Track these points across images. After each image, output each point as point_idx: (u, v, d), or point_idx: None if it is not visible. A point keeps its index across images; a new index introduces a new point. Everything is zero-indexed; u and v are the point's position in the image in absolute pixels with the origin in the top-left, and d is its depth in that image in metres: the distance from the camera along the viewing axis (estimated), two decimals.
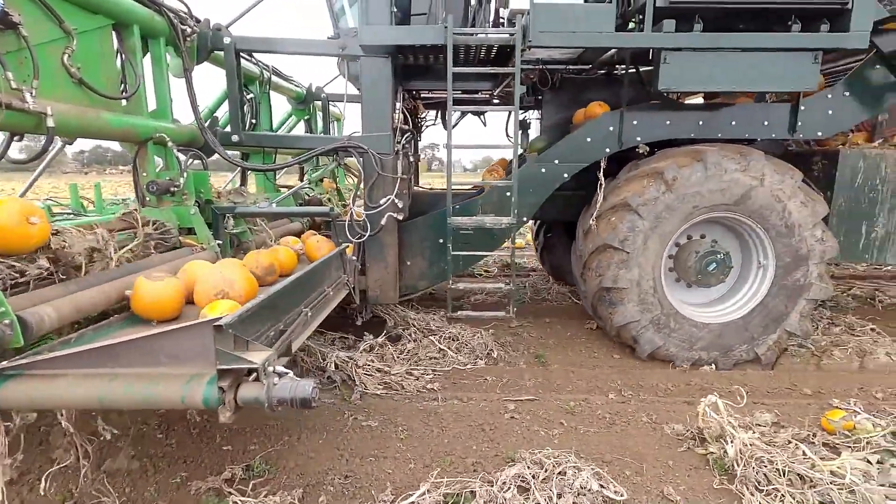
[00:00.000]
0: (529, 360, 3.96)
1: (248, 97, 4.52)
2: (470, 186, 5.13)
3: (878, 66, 3.79)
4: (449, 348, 3.94)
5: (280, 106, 5.85)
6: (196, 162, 3.61)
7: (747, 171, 3.52)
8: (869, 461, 2.49)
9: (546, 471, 2.41)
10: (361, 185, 3.63)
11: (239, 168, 4.06)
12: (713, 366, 3.85)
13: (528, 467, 2.43)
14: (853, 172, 3.92)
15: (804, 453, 2.51)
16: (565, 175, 3.91)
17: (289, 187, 5.06)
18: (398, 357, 3.82)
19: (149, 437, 2.80)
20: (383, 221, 3.59)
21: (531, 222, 6.31)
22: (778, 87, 3.49)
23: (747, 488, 2.35)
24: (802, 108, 3.77)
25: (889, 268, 7.11)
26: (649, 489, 2.44)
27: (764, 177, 3.52)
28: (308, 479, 2.49)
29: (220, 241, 3.30)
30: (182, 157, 3.36)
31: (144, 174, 3.06)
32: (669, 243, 3.74)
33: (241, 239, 3.66)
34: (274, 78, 4.88)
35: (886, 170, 3.92)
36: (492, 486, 2.34)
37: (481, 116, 5.49)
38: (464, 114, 5.53)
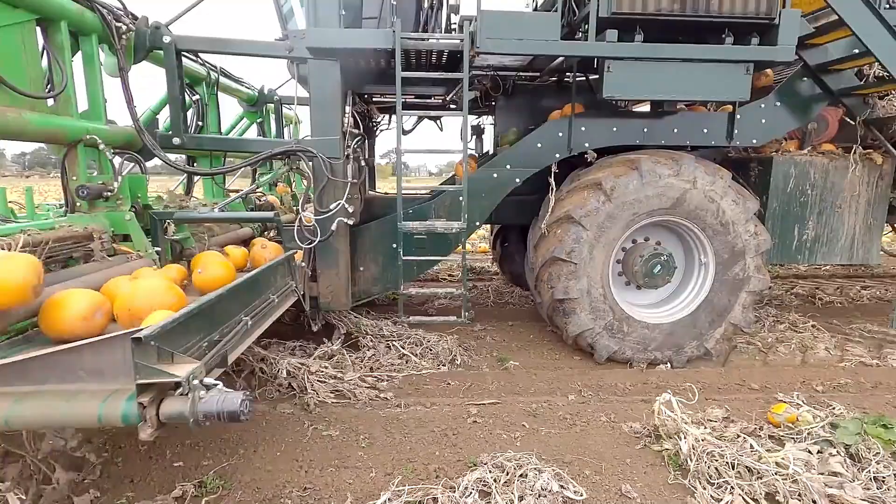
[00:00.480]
0: (493, 364, 3.98)
1: (194, 99, 4.37)
2: (427, 191, 5.12)
3: (805, 79, 4.04)
4: (413, 353, 3.92)
5: (232, 108, 5.70)
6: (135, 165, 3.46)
7: (680, 175, 3.66)
8: (810, 451, 2.60)
9: (507, 474, 2.41)
10: (311, 190, 3.56)
11: (185, 172, 3.91)
12: (668, 364, 3.98)
13: (490, 471, 2.43)
14: (785, 178, 4.15)
15: (752, 446, 2.60)
16: (517, 180, 3.96)
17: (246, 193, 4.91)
18: (362, 364, 3.76)
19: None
20: (334, 227, 3.53)
21: (488, 231, 6.35)
22: (713, 96, 3.66)
23: (700, 482, 2.42)
24: (738, 116, 3.96)
25: (827, 267, 7.57)
26: (608, 488, 2.48)
27: (696, 179, 3.66)
28: (264, 494, 2.41)
29: (160, 249, 3.17)
30: (118, 160, 3.21)
31: (74, 178, 2.90)
32: (615, 250, 3.84)
33: (184, 246, 3.52)
34: (222, 79, 4.73)
35: (815, 176, 4.17)
36: (454, 491, 2.33)
37: (438, 121, 5.51)
38: (420, 118, 5.53)
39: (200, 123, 4.37)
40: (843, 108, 4.28)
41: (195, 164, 4.63)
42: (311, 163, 3.51)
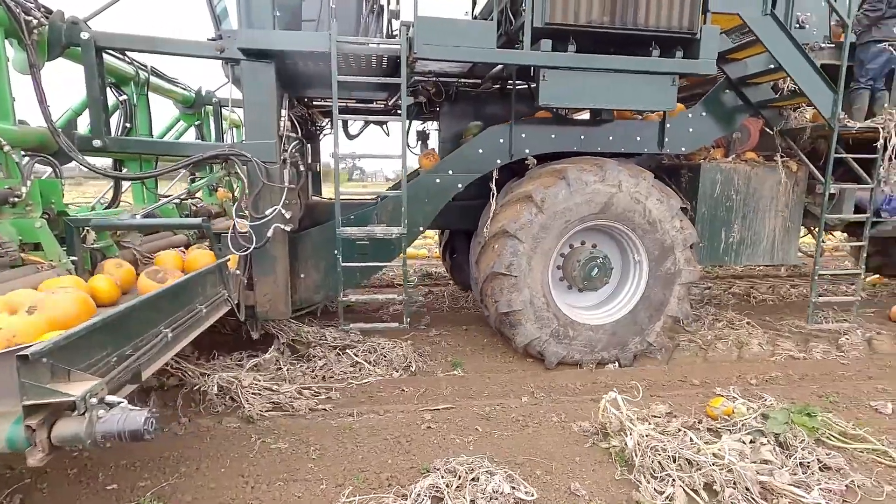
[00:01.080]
0: (447, 368, 3.99)
1: (121, 99, 4.15)
2: (375, 196, 5.07)
3: (728, 91, 4.30)
4: (366, 361, 3.86)
5: (169, 110, 5.45)
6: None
7: (605, 180, 3.79)
8: (743, 441, 2.76)
9: (460, 478, 2.42)
10: (246, 195, 3.44)
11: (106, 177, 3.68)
12: (616, 363, 4.10)
13: (443, 476, 2.44)
14: (712, 184, 4.39)
15: (691, 439, 2.72)
16: (459, 185, 3.99)
17: (177, 198, 4.69)
18: (313, 373, 3.67)
19: (14, 482, 2.44)
20: (270, 233, 3.42)
21: (436, 240, 6.34)
22: (642, 106, 3.82)
23: (644, 477, 2.50)
24: (668, 125, 4.16)
25: (761, 267, 8.04)
26: (558, 487, 2.53)
27: (621, 183, 3.80)
28: None
29: (76, 258, 2.97)
30: (28, 162, 2.99)
31: None
32: (553, 258, 3.93)
33: (106, 254, 3.32)
34: (154, 79, 4.52)
35: (739, 182, 4.43)
36: (406, 499, 2.32)
37: (384, 126, 5.47)
38: (367, 123, 5.47)
39: (129, 125, 4.15)
40: (763, 119, 4.58)
41: (124, 169, 4.39)
42: (245, 167, 3.39)
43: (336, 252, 3.68)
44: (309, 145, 5.14)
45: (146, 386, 3.38)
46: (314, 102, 4.69)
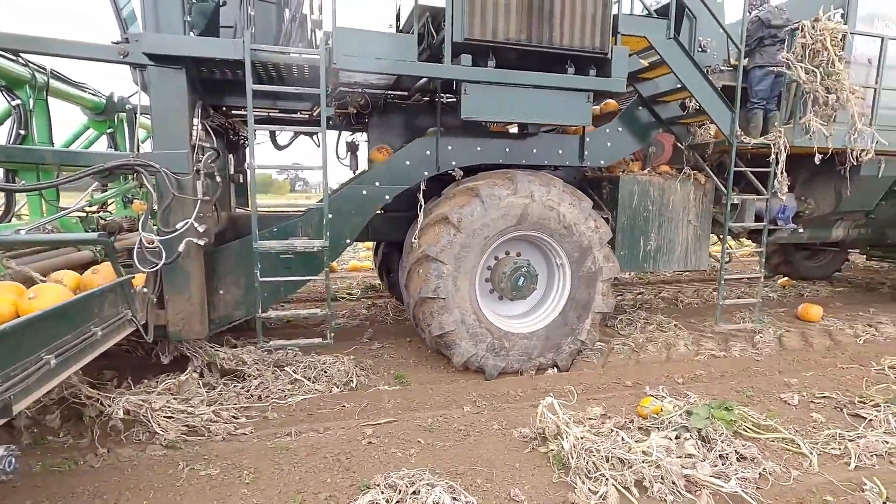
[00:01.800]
0: (390, 381, 3.93)
1: (14, 104, 3.80)
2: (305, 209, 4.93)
3: (641, 108, 4.57)
4: (306, 378, 3.74)
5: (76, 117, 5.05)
6: None
7: (517, 193, 3.89)
8: (670, 438, 2.89)
9: (400, 493, 2.38)
10: (155, 208, 3.24)
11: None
12: (555, 368, 4.18)
13: (383, 492, 2.39)
14: (630, 195, 4.62)
15: (623, 439, 2.82)
16: (387, 197, 3.97)
17: (84, 212, 4.33)
18: (248, 393, 3.50)
19: None
20: (181, 248, 3.24)
21: (372, 257, 6.23)
22: (560, 121, 3.98)
23: (579, 478, 2.56)
24: (588, 139, 4.36)
25: (688, 273, 8.55)
26: (498, 494, 2.54)
27: (532, 193, 3.92)
28: None
29: None
30: None
31: None
32: (478, 275, 3.98)
33: None
34: (55, 83, 4.17)
35: (654, 193, 4.69)
36: None
37: (314, 137, 5.35)
38: (297, 133, 5.33)
39: (23, 132, 3.80)
40: (674, 134, 4.90)
41: (21, 181, 4.01)
42: (154, 178, 3.19)
43: (255, 266, 3.53)
44: (231, 155, 4.94)
45: (62, 417, 3.08)
46: (233, 111, 4.53)
